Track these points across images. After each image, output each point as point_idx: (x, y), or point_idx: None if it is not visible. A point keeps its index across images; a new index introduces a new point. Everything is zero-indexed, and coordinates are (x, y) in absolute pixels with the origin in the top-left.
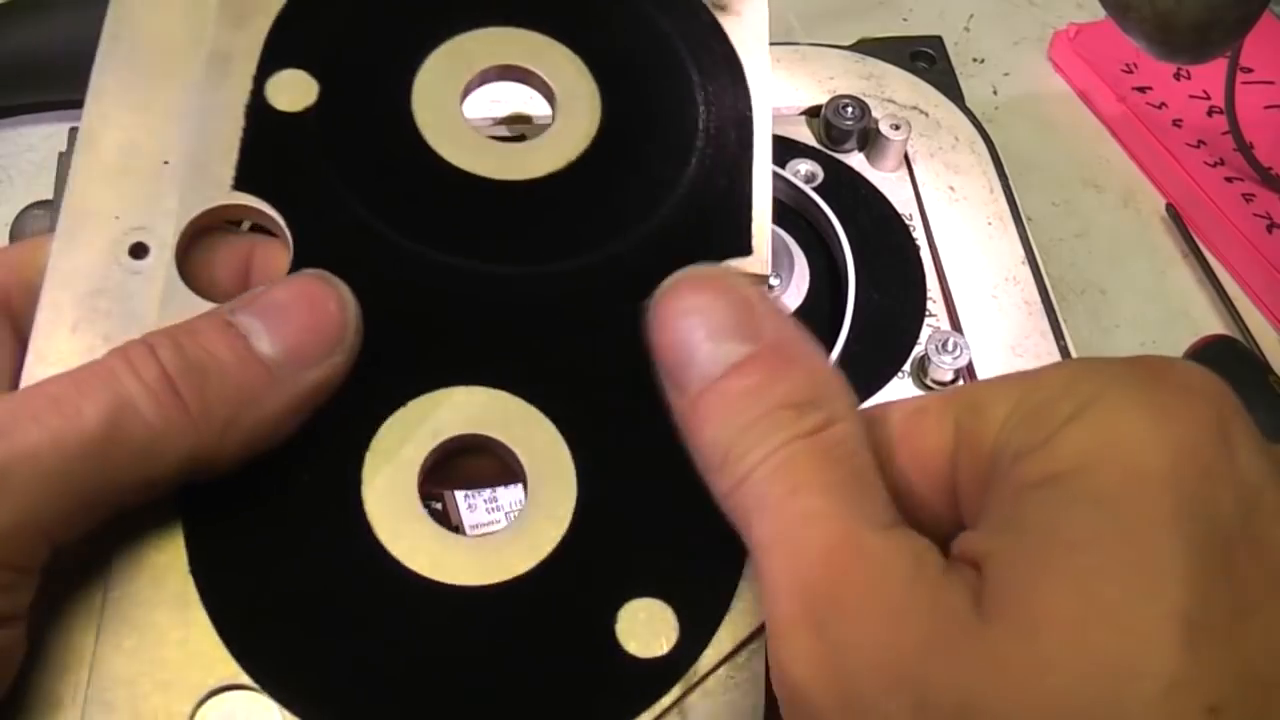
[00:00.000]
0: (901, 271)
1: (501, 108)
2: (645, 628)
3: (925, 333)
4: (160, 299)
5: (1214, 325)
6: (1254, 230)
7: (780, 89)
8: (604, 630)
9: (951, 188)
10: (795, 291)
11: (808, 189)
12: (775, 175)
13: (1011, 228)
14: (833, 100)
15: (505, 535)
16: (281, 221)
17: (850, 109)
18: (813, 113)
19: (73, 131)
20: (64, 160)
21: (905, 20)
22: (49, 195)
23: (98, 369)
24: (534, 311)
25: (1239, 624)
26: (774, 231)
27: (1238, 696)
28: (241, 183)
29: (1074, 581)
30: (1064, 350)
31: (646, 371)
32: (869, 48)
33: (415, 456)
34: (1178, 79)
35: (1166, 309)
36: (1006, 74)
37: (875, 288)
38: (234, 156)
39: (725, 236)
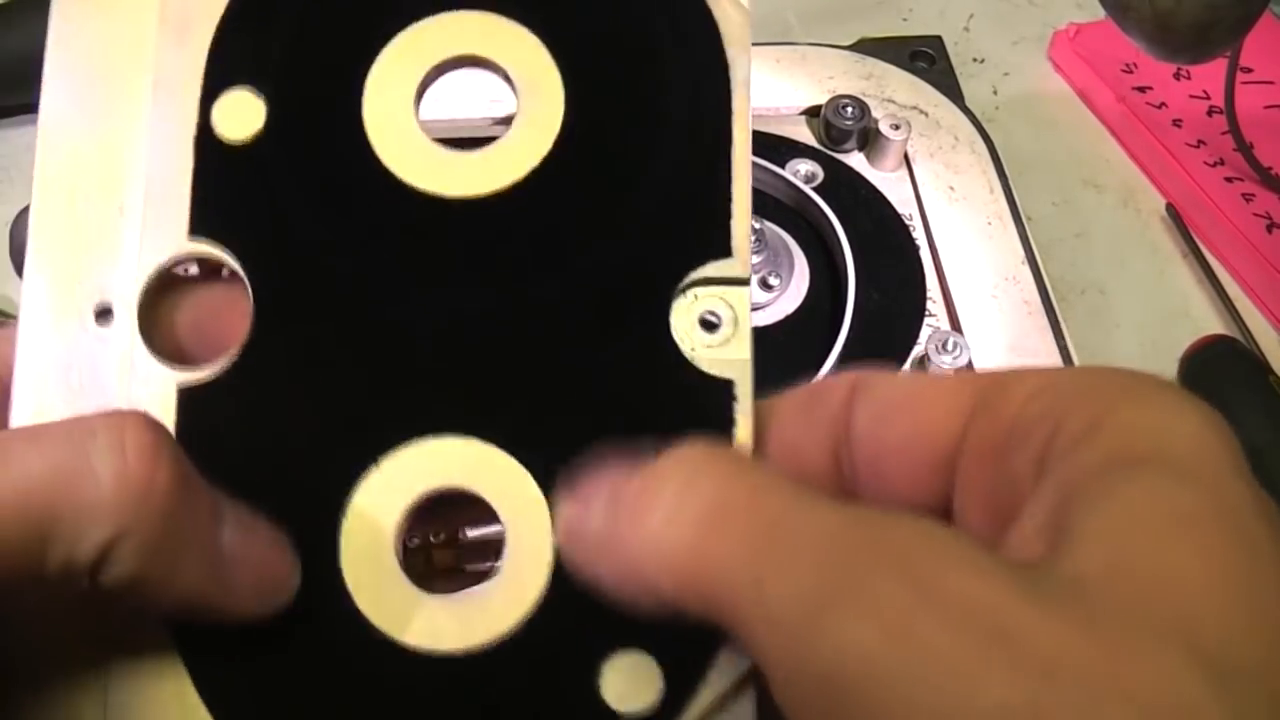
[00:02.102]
0: (901, 271)
1: (502, 107)
2: (630, 682)
3: (925, 333)
4: (127, 367)
5: (1214, 325)
6: (1254, 230)
7: (780, 89)
8: (589, 687)
9: (951, 188)
10: (795, 291)
11: (807, 189)
12: (775, 175)
13: (1011, 228)
14: (832, 100)
15: (485, 591)
16: (239, 268)
17: (850, 109)
18: (812, 113)
19: None
20: None
21: (905, 20)
22: None
23: (74, 426)
24: (505, 344)
25: None
26: (774, 231)
27: None
28: (197, 227)
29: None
30: (1064, 350)
31: (625, 405)
32: (869, 48)
33: (391, 520)
34: (1178, 79)
35: (1166, 309)
36: (1006, 74)
37: (875, 288)
38: (187, 198)
39: (704, 240)
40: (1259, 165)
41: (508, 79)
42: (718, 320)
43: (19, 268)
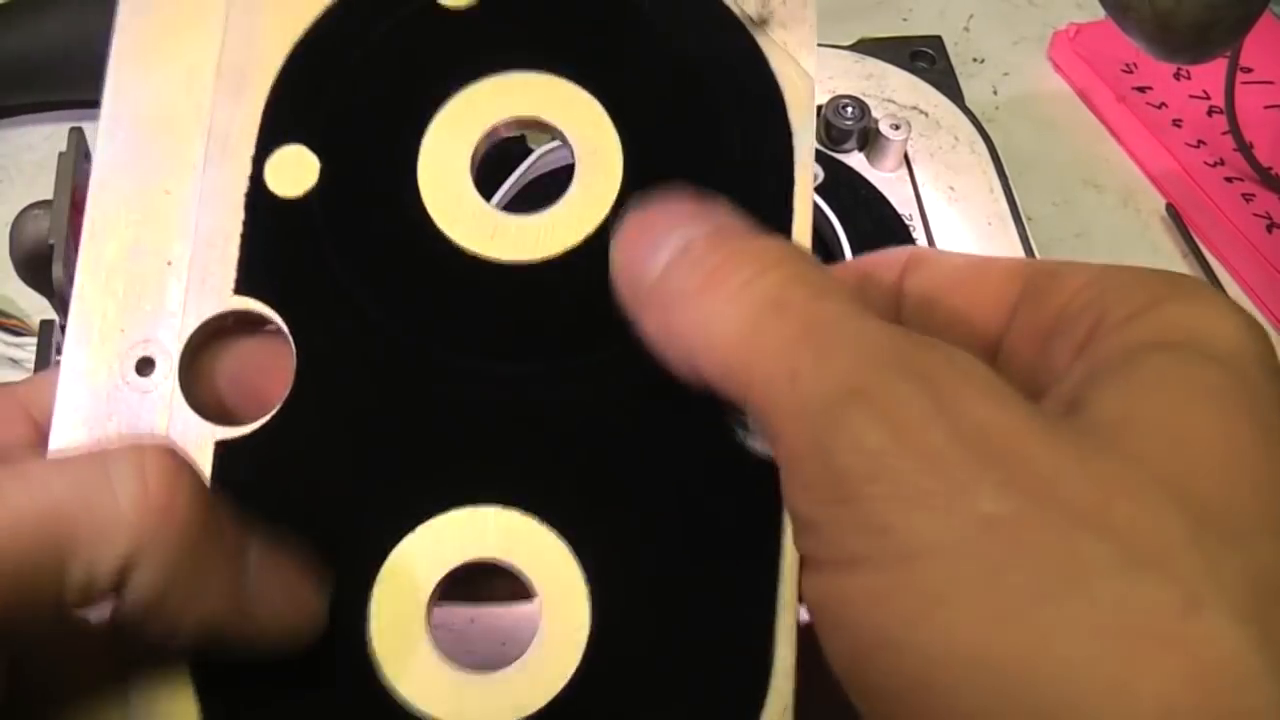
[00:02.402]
0: None
1: None
2: None
3: None
4: (165, 419)
5: None
6: (1254, 230)
7: None
8: None
9: (951, 188)
10: None
11: None
12: None
13: (1011, 228)
14: (833, 100)
15: (517, 669)
16: (285, 327)
17: (850, 109)
18: None
19: (73, 131)
20: (64, 160)
21: (905, 20)
22: (49, 195)
23: (97, 456)
24: (552, 414)
25: None
26: None
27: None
28: (243, 284)
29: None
30: None
31: (675, 487)
32: (869, 48)
33: (424, 590)
34: (1178, 79)
35: None
36: (1006, 74)
37: None
38: (235, 254)
39: None
40: (1259, 165)
41: (566, 142)
42: None
43: (19, 268)
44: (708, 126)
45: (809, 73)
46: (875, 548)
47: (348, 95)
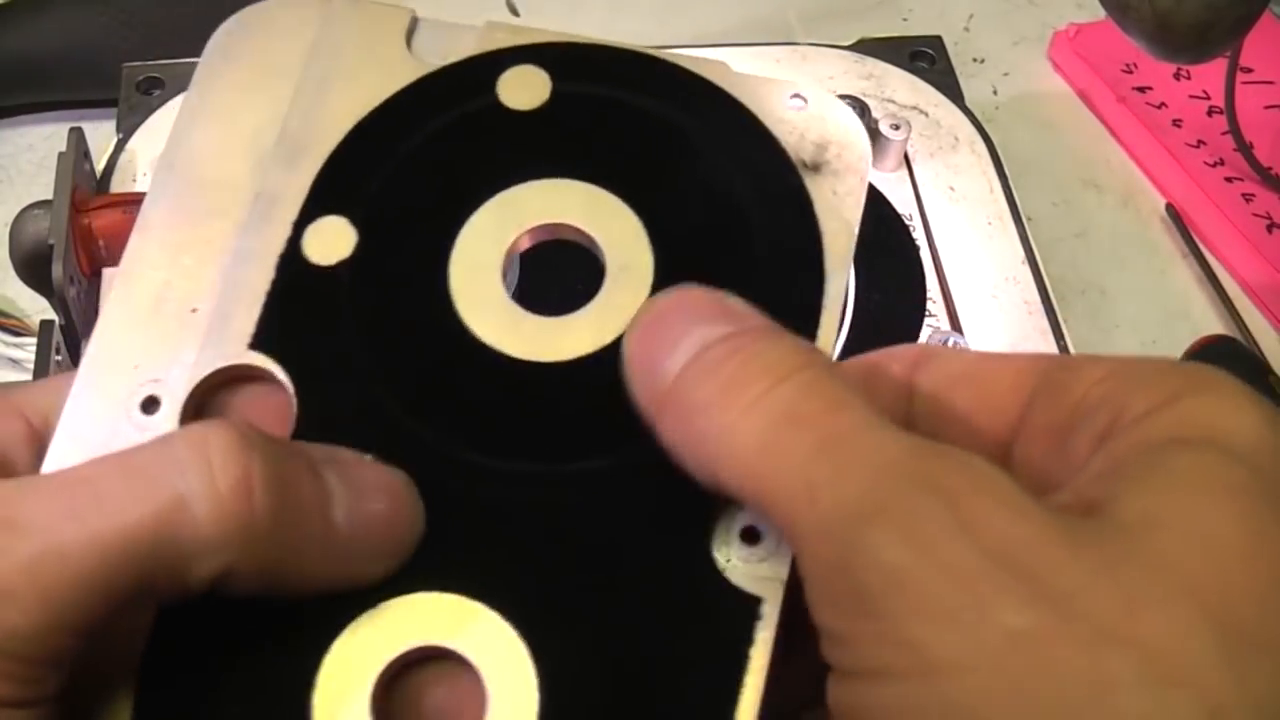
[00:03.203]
0: (901, 271)
1: None
2: None
3: (925, 333)
4: None
5: (1214, 325)
6: (1254, 230)
7: None
8: None
9: (951, 188)
10: None
11: None
12: None
13: (1011, 228)
14: None
15: None
16: (290, 387)
17: (850, 109)
18: None
19: (73, 131)
20: (64, 160)
21: (905, 20)
22: (49, 195)
23: (160, 458)
24: (534, 512)
25: None
26: None
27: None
28: (259, 341)
29: (1204, 520)
30: (1064, 350)
31: (644, 601)
32: (869, 48)
33: (372, 670)
34: (1178, 79)
35: (1166, 309)
36: (1006, 74)
37: (875, 288)
38: (257, 311)
39: None
40: (1259, 165)
41: (599, 252)
42: (761, 535)
43: (19, 268)
44: (741, 258)
45: (852, 222)
46: (901, 661)
47: (398, 178)
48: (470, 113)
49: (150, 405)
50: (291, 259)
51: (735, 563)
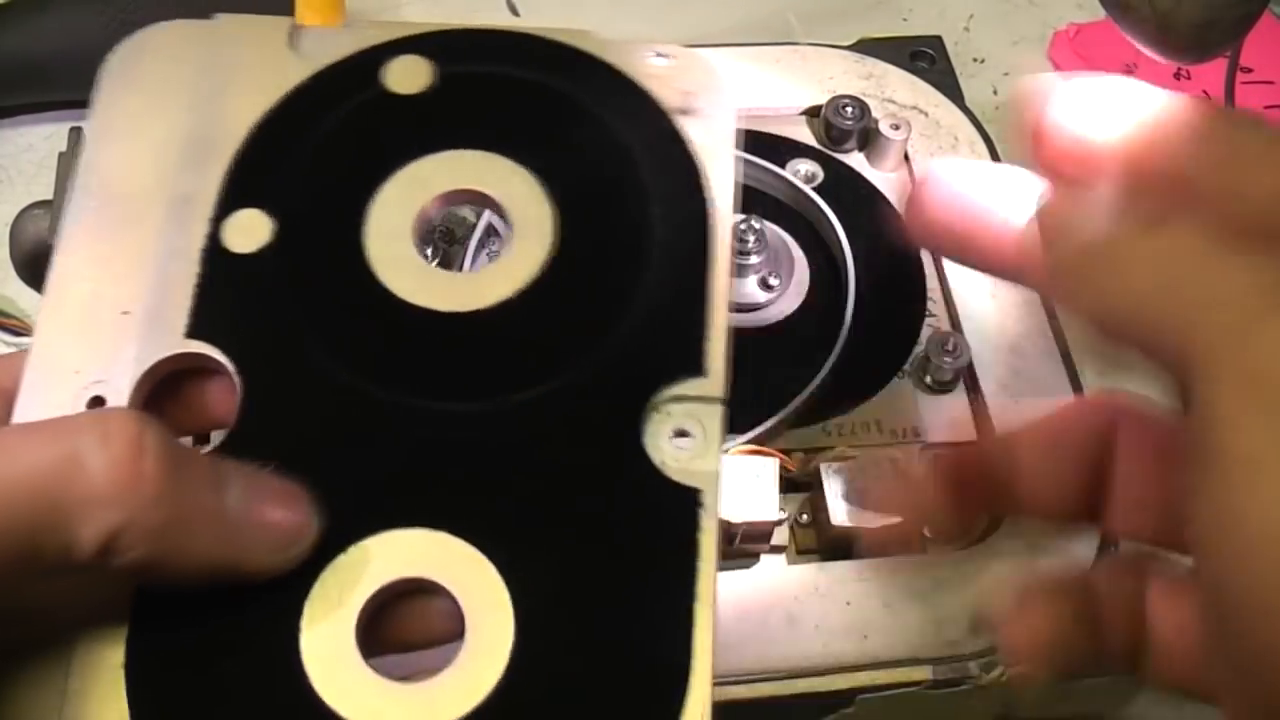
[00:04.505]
0: (901, 271)
1: None
2: None
3: (925, 333)
4: None
5: None
6: None
7: (780, 89)
8: None
9: None
10: (795, 291)
11: (808, 189)
12: (775, 175)
13: None
14: (833, 100)
15: (443, 679)
16: (231, 367)
17: (850, 109)
18: (813, 113)
19: (73, 131)
20: (64, 160)
21: (905, 20)
22: (49, 195)
23: (62, 422)
24: (482, 446)
25: None
26: (774, 231)
27: None
28: (195, 330)
29: None
30: (1064, 351)
31: (594, 507)
32: (869, 48)
33: (354, 603)
34: (1178, 79)
35: None
36: (1006, 74)
37: (875, 288)
38: (189, 303)
39: (679, 361)
40: None
41: (501, 212)
42: (689, 433)
43: (19, 268)
44: (634, 197)
45: (729, 155)
46: None
47: (304, 167)
48: (363, 102)
49: (97, 404)
50: (214, 252)
51: (670, 461)
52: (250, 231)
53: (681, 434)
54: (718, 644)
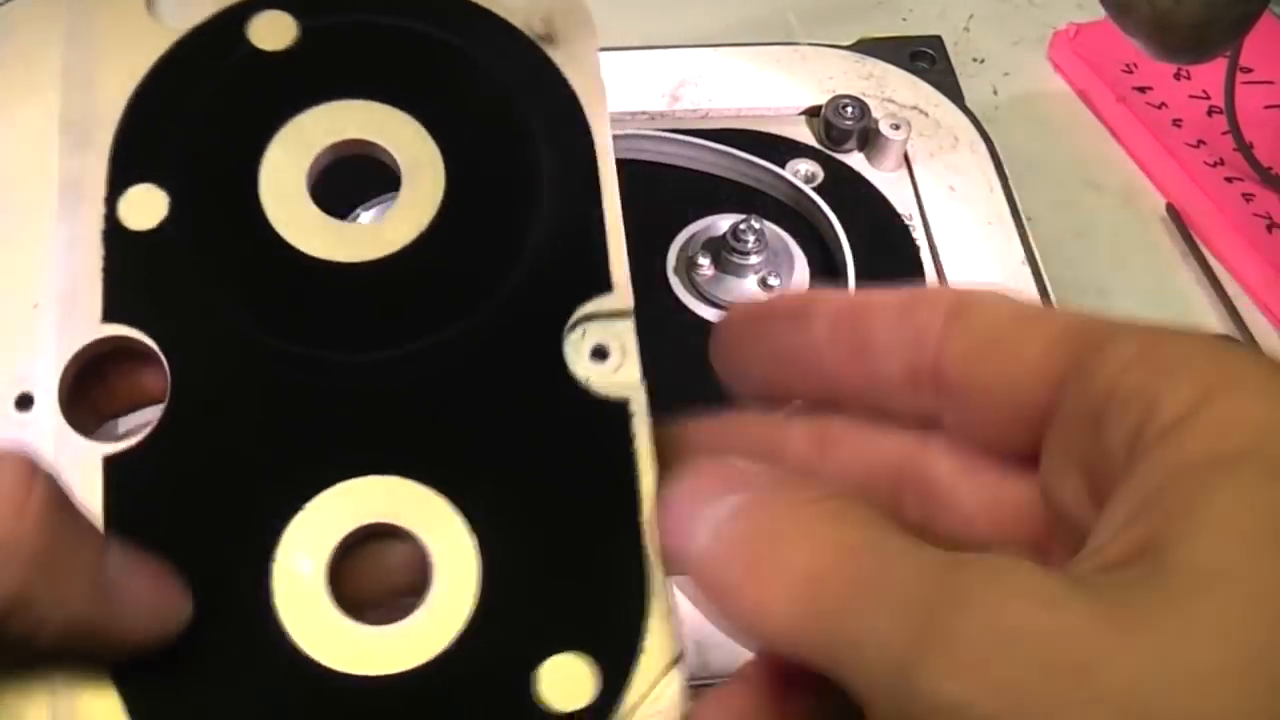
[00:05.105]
0: (901, 271)
1: None
2: (565, 683)
3: None
4: (53, 448)
5: (1214, 325)
6: (1254, 230)
7: (780, 89)
8: (526, 695)
9: (951, 188)
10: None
11: (807, 189)
12: (775, 175)
13: (1011, 228)
14: (832, 100)
15: (417, 617)
16: (154, 345)
17: (850, 109)
18: (813, 113)
19: None
20: None
21: (905, 20)
22: None
23: None
24: (411, 390)
25: None
26: (774, 231)
27: None
28: (110, 313)
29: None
30: None
31: (531, 433)
32: (869, 48)
33: (321, 555)
34: (1178, 79)
35: (1166, 309)
36: (1006, 74)
37: (875, 288)
38: (99, 287)
39: (585, 280)
40: (1259, 165)
41: (392, 159)
42: (608, 350)
43: None
44: (515, 129)
45: (597, 75)
46: None
47: (187, 135)
48: (233, 63)
49: (25, 402)
50: (115, 233)
51: (594, 378)
52: (147, 208)
53: (599, 352)
54: (671, 547)
